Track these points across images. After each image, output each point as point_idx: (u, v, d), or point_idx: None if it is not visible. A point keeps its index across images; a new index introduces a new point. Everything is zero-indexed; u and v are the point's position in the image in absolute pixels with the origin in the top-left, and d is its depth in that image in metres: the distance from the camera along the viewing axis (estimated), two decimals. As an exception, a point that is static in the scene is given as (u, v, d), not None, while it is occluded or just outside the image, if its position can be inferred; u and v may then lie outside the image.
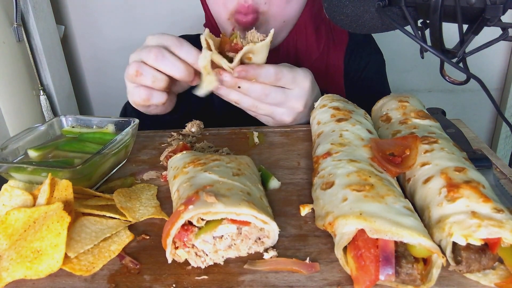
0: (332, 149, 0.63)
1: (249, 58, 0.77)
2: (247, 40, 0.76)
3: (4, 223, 0.54)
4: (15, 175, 0.66)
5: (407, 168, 0.59)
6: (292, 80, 0.80)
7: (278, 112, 0.83)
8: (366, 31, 0.72)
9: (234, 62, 0.75)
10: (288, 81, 0.80)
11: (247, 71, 0.75)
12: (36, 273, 0.49)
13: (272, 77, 0.78)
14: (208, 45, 0.75)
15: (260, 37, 0.76)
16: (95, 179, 0.68)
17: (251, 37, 0.76)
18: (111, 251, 0.53)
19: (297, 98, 0.82)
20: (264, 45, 0.75)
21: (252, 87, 0.78)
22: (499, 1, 0.51)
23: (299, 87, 0.81)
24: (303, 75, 0.82)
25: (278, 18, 0.96)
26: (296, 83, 0.81)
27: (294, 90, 0.81)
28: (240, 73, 0.75)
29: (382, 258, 0.44)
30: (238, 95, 0.80)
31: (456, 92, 1.88)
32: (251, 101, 0.80)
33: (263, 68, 0.76)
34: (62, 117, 0.82)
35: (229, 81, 0.76)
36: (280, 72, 0.78)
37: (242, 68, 0.75)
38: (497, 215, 0.46)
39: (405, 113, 0.73)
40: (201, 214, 0.48)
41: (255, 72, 0.76)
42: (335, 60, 1.09)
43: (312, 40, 1.04)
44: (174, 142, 0.84)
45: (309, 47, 1.04)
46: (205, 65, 0.76)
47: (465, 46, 0.58)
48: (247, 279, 0.48)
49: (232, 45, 0.76)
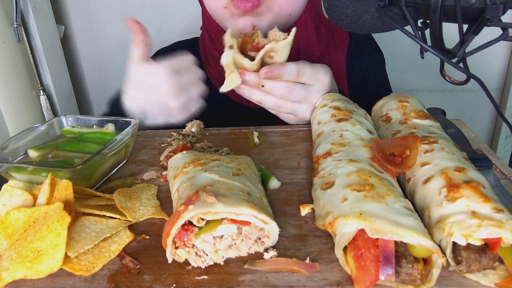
0: (332, 149, 0.63)
1: (270, 57, 0.78)
2: (269, 39, 0.77)
3: (4, 223, 0.54)
4: (15, 175, 0.66)
5: (407, 168, 0.59)
6: (313, 76, 0.82)
7: (301, 109, 0.84)
8: (366, 31, 0.72)
9: (255, 60, 0.76)
10: (310, 77, 0.82)
11: (272, 71, 0.77)
12: (36, 273, 0.49)
13: (295, 74, 0.79)
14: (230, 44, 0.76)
15: (282, 36, 0.77)
16: (95, 179, 0.68)
17: (273, 36, 0.77)
18: (111, 251, 0.53)
19: (318, 93, 0.84)
20: (286, 43, 0.76)
21: (276, 85, 0.79)
22: (499, 1, 0.51)
23: (320, 83, 0.83)
24: (323, 71, 0.84)
25: (284, 9, 0.95)
26: (317, 79, 0.83)
27: (316, 86, 0.83)
28: (266, 74, 0.77)
29: (382, 258, 0.44)
30: (261, 94, 0.81)
31: (456, 92, 1.88)
32: (274, 99, 0.82)
33: (286, 67, 0.78)
34: (62, 117, 0.82)
35: (253, 80, 0.78)
36: (302, 69, 0.80)
37: (268, 69, 0.77)
38: (497, 215, 0.46)
39: (405, 113, 0.73)
40: (201, 214, 0.48)
41: (280, 71, 0.78)
42: (337, 60, 1.09)
43: (313, 39, 1.03)
44: (174, 142, 0.84)
45: (311, 45, 1.04)
46: (228, 63, 0.76)
47: (465, 46, 0.58)
48: (247, 279, 0.48)
49: (254, 44, 0.77)
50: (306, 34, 1.03)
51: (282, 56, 0.78)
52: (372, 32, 0.73)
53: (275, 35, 0.77)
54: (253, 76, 0.77)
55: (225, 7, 0.94)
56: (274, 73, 0.77)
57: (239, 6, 0.92)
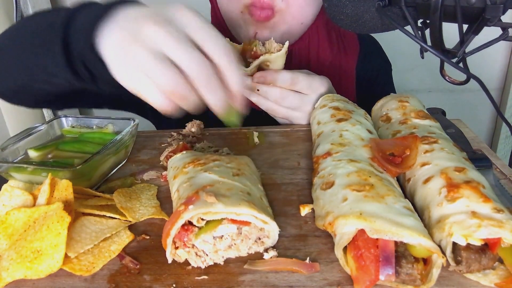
0: (332, 149, 0.63)
1: (267, 65, 0.84)
2: (265, 48, 0.84)
3: (4, 223, 0.54)
4: (15, 175, 0.66)
5: (407, 168, 0.59)
6: (308, 85, 0.85)
7: (295, 115, 0.88)
8: (366, 31, 0.72)
9: (249, 68, 0.82)
10: (304, 86, 0.85)
11: (265, 77, 0.83)
12: (36, 273, 0.49)
13: (288, 82, 0.83)
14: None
15: (277, 47, 0.84)
16: (95, 179, 0.68)
17: (268, 46, 0.84)
18: (111, 251, 0.53)
19: (312, 103, 0.86)
20: (279, 56, 0.83)
21: (270, 90, 0.84)
22: (499, 1, 0.51)
23: (315, 93, 0.86)
24: (319, 82, 0.86)
25: (297, 19, 0.96)
26: (312, 89, 0.86)
27: (311, 96, 0.86)
28: (259, 79, 0.83)
29: (382, 258, 0.44)
30: (257, 97, 0.85)
31: (456, 92, 1.87)
32: (269, 103, 0.86)
33: (280, 74, 0.83)
34: (62, 117, 0.82)
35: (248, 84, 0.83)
36: (296, 78, 0.83)
37: (261, 74, 0.83)
38: (497, 215, 0.46)
39: (405, 113, 0.73)
40: (201, 214, 0.48)
41: (272, 77, 0.83)
42: (347, 67, 1.10)
43: (324, 45, 1.04)
44: (174, 142, 0.84)
45: (322, 52, 1.04)
46: None
47: (465, 46, 0.58)
48: (247, 279, 0.48)
49: (252, 53, 0.84)
50: (317, 42, 1.03)
51: (277, 65, 0.84)
52: (372, 32, 0.73)
53: (271, 46, 0.84)
54: (249, 81, 0.83)
55: (242, 11, 0.95)
56: (267, 79, 0.83)
57: (254, 14, 0.92)
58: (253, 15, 0.92)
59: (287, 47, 0.82)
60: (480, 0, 0.52)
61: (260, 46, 0.84)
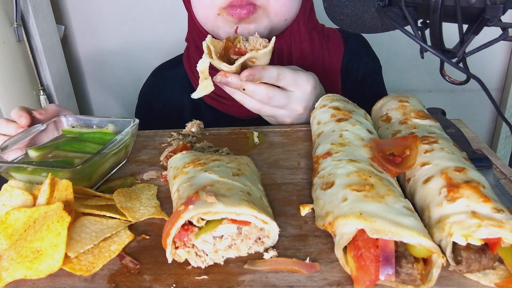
0: (332, 149, 0.63)
1: (253, 62, 0.80)
2: (250, 45, 0.78)
3: (4, 223, 0.54)
4: (15, 175, 0.66)
5: (407, 168, 0.59)
6: (293, 81, 0.82)
7: (280, 113, 0.86)
8: (366, 31, 0.72)
9: (233, 66, 0.77)
10: (289, 82, 0.82)
11: (253, 75, 0.78)
12: (36, 273, 0.49)
13: (275, 78, 0.80)
14: (209, 51, 0.77)
15: (263, 43, 0.78)
16: (95, 179, 0.68)
17: (253, 43, 0.78)
18: (111, 251, 0.53)
19: (298, 100, 0.84)
20: (266, 52, 0.78)
21: (257, 89, 0.80)
22: (499, 1, 0.51)
23: (301, 90, 0.84)
24: (305, 78, 0.84)
25: (280, 15, 0.95)
26: (298, 85, 0.83)
27: (296, 93, 0.84)
28: (247, 78, 0.78)
29: (382, 258, 0.44)
30: (242, 95, 0.83)
31: (456, 92, 1.88)
32: (254, 102, 0.83)
33: (267, 70, 0.79)
34: (62, 117, 0.82)
35: (234, 83, 0.79)
36: (282, 74, 0.81)
37: (249, 73, 0.77)
38: (497, 215, 0.46)
39: (405, 113, 0.73)
40: (201, 214, 0.48)
41: (260, 74, 0.79)
42: (331, 66, 1.08)
43: (306, 43, 1.03)
44: (174, 142, 0.84)
45: (304, 50, 1.03)
46: (203, 69, 0.77)
47: (465, 46, 0.58)
48: (247, 279, 0.48)
49: (236, 49, 0.78)
50: (299, 38, 1.02)
51: (263, 62, 0.80)
52: (372, 32, 0.73)
53: (256, 42, 0.78)
54: (234, 79, 0.78)
55: (218, 14, 0.93)
56: (255, 77, 0.78)
57: (233, 14, 0.91)
58: (233, 15, 0.91)
59: (273, 43, 0.77)
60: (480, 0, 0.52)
61: (244, 42, 0.79)
